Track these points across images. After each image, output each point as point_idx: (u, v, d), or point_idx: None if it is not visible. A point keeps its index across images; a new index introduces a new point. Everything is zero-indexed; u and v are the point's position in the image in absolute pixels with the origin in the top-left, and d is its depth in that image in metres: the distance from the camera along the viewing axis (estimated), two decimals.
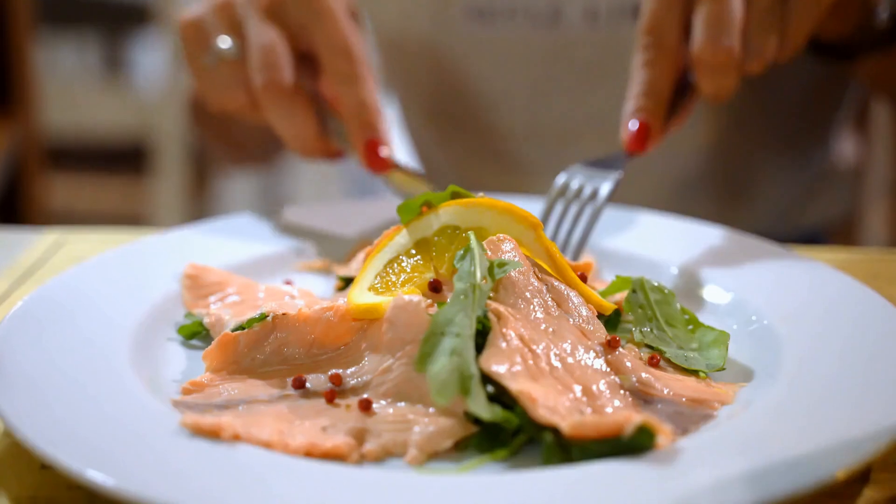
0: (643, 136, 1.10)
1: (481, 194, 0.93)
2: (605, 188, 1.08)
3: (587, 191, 1.09)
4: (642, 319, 0.92)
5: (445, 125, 1.58)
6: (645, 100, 1.10)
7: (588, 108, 1.49)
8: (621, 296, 0.96)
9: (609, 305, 0.90)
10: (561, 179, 1.11)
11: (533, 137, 1.52)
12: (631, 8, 1.41)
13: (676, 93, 1.14)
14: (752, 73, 1.11)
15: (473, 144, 1.56)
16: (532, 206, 1.00)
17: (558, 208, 1.10)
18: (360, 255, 1.01)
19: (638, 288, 0.94)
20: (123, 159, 3.88)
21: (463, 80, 1.52)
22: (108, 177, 3.96)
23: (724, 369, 0.88)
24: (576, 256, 1.07)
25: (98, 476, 0.68)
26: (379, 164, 1.14)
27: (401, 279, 0.87)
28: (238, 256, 1.09)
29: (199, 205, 3.70)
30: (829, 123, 1.61)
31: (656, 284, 0.95)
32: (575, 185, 1.10)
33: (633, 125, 1.10)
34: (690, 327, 0.93)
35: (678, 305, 0.94)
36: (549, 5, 1.43)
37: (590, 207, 1.08)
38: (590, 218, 1.07)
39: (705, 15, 1.06)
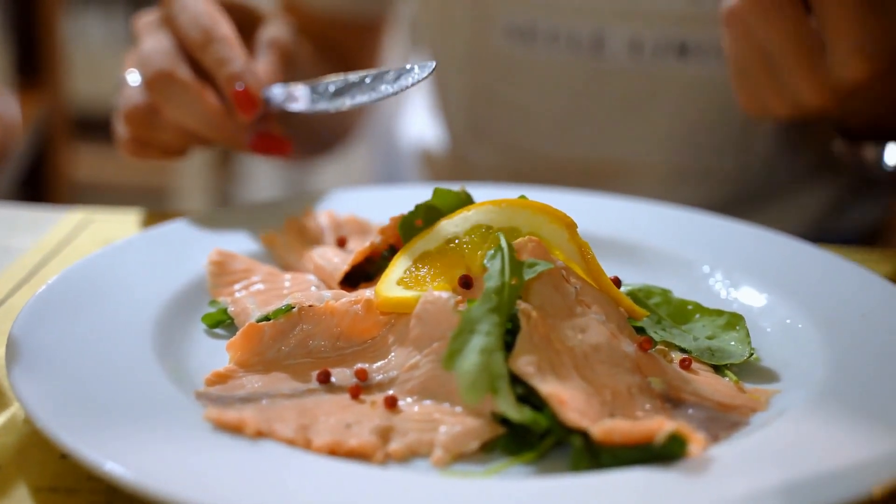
0: None
1: (460, 187, 0.93)
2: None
3: None
4: (652, 323, 0.91)
5: (479, 132, 1.56)
6: None
7: (624, 141, 1.46)
8: None
9: (641, 311, 0.88)
10: None
11: (562, 164, 1.49)
12: (677, 46, 1.38)
13: None
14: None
15: (504, 156, 1.54)
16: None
17: None
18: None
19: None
20: None
21: (499, 99, 1.51)
22: None
23: (758, 359, 0.87)
24: None
25: (117, 469, 0.67)
26: (250, 105, 1.09)
27: (430, 275, 0.86)
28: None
29: (224, 180, 3.69)
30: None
31: (652, 289, 0.94)
32: None
33: None
34: (698, 316, 0.92)
35: (677, 299, 0.94)
36: (593, 33, 1.40)
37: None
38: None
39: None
